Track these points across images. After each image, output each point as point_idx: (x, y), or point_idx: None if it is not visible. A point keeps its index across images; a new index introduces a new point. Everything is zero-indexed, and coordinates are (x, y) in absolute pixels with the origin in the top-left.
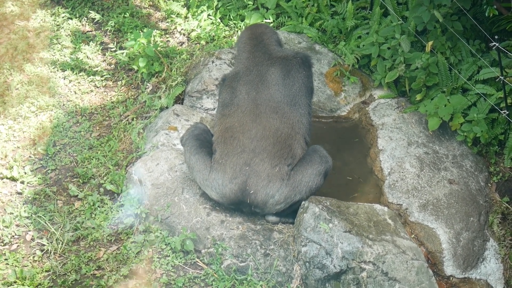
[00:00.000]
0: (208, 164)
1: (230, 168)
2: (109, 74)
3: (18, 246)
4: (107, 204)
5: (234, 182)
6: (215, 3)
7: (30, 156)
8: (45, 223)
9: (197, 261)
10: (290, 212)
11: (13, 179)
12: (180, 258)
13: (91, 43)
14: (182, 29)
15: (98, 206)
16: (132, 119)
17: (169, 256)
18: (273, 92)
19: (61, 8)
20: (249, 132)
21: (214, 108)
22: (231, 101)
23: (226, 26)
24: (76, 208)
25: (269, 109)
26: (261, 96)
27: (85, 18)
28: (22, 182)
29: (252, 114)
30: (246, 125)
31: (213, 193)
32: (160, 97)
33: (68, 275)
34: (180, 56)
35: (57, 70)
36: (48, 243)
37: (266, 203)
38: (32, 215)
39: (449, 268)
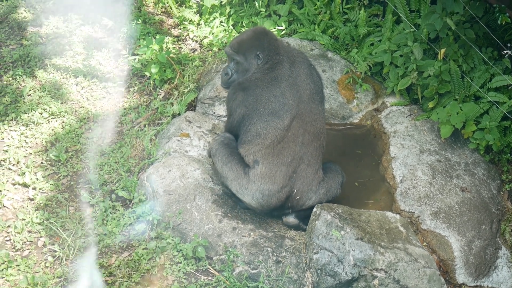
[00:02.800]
0: (240, 172)
1: (280, 178)
2: (122, 81)
3: (29, 252)
4: (119, 210)
5: (283, 191)
6: (228, 10)
7: (42, 162)
8: (57, 229)
9: (209, 268)
10: (307, 216)
11: (25, 185)
12: (192, 265)
13: (103, 49)
14: (195, 35)
15: (110, 213)
16: (144, 126)
17: (180, 263)
18: (309, 93)
19: (73, 14)
20: (298, 140)
21: (226, 115)
22: (281, 111)
23: (239, 33)
24: (88, 215)
25: (311, 111)
26: (303, 100)
27: (98, 25)
28: (34, 188)
29: (299, 120)
30: (296, 133)
31: (253, 201)
32: (172, 104)
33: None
34: (192, 63)
35: (70, 76)
36: (59, 249)
37: (303, 205)
38: (44, 221)
39: (461, 276)
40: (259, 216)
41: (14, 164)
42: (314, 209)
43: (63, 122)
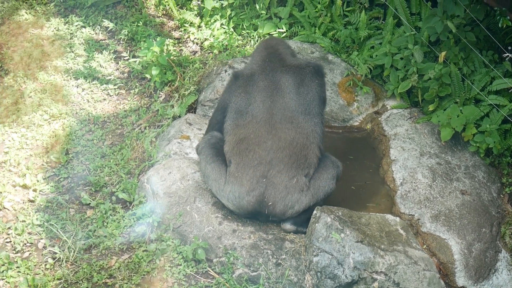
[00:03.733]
0: (223, 173)
1: (247, 181)
2: (122, 83)
3: (30, 254)
4: (119, 212)
5: (251, 195)
6: (228, 13)
7: (42, 164)
8: (57, 231)
9: (209, 270)
10: (305, 220)
11: (25, 187)
12: (192, 267)
13: (104, 51)
14: (195, 38)
15: (110, 215)
16: (145, 128)
17: (180, 265)
18: (287, 101)
19: (74, 16)
20: (265, 144)
21: None
22: (246, 109)
23: (239, 35)
24: (88, 217)
25: (284, 119)
26: (276, 106)
27: (99, 27)
28: (35, 190)
29: (267, 124)
30: (261, 136)
31: (229, 203)
32: (172, 106)
33: (79, 284)
34: (193, 65)
35: (70, 79)
36: (60, 251)
37: (285, 214)
38: (44, 223)
39: (461, 279)
40: None
41: (14, 166)
42: (314, 212)
43: (64, 124)
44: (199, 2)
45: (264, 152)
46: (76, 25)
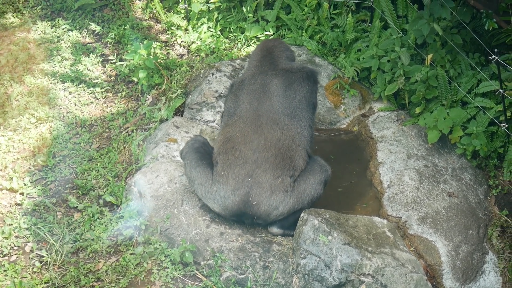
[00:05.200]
0: (209, 177)
1: (232, 180)
2: (109, 86)
3: (17, 257)
4: (106, 215)
5: (236, 194)
6: (215, 16)
7: (29, 168)
8: (45, 234)
9: (196, 273)
10: (292, 224)
11: (12, 190)
12: (179, 270)
13: (91, 54)
14: (182, 41)
15: (98, 218)
16: (132, 131)
17: (168, 268)
18: (274, 103)
19: (61, 19)
20: (251, 144)
21: (214, 121)
22: (234, 111)
23: (226, 38)
24: (76, 220)
25: (270, 120)
26: (263, 107)
27: (86, 30)
28: (22, 194)
29: (253, 124)
30: (247, 136)
31: (215, 205)
32: (160, 109)
33: (67, 287)
34: (180, 68)
35: (57, 82)
36: (47, 254)
37: (270, 215)
38: (32, 226)
39: (448, 281)
40: None
41: (1, 169)
42: (302, 214)
43: (51, 127)
44: (186, 5)
45: (250, 152)
46: (63, 28)
